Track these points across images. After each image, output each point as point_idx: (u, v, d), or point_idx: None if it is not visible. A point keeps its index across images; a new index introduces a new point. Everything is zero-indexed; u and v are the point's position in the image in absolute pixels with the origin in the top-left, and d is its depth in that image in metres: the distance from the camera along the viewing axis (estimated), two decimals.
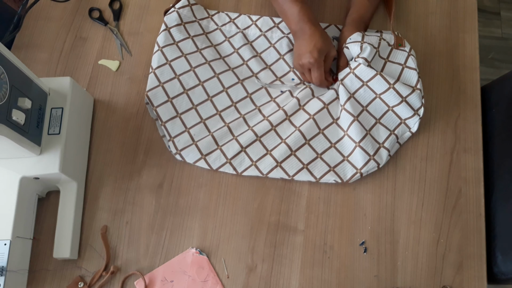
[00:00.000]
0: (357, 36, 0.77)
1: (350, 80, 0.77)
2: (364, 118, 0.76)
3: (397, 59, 0.78)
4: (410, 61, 0.78)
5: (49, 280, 0.70)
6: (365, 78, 0.76)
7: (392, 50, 0.78)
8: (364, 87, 0.76)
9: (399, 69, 0.77)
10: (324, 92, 0.79)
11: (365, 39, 0.76)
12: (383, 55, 0.78)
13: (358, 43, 0.76)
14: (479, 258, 0.70)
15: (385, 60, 0.78)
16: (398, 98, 0.75)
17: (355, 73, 0.76)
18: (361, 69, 0.76)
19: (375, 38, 0.77)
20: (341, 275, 0.70)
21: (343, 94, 0.76)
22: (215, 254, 0.71)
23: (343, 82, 0.77)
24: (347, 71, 0.77)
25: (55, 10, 0.89)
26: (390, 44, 0.78)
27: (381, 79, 0.75)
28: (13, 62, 0.61)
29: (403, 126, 0.76)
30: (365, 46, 0.75)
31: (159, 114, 0.77)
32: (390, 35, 0.80)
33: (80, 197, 0.73)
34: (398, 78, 0.76)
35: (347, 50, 0.78)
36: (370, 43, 0.76)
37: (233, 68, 0.82)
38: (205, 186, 0.75)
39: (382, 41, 0.77)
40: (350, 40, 0.77)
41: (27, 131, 0.64)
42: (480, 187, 0.74)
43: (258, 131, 0.75)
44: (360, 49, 0.75)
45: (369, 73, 0.75)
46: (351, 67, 0.77)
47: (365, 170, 0.73)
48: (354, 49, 0.76)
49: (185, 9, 0.85)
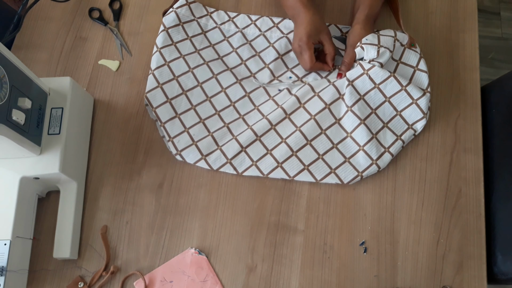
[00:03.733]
0: (372, 37, 0.75)
1: (363, 81, 0.76)
2: (372, 121, 0.75)
3: (409, 61, 0.77)
4: (422, 63, 0.77)
5: (49, 280, 0.70)
6: (378, 80, 0.75)
7: (405, 51, 0.78)
8: (375, 89, 0.76)
9: (411, 72, 0.77)
10: (324, 86, 0.78)
11: (381, 41, 0.75)
12: (395, 56, 0.77)
13: (375, 47, 0.74)
14: (479, 258, 0.70)
15: (397, 62, 0.77)
16: (409, 100, 0.74)
17: (369, 74, 0.75)
18: (375, 71, 0.75)
19: (390, 40, 0.76)
20: (341, 275, 0.70)
21: (352, 95, 0.75)
22: (215, 254, 0.71)
23: (354, 83, 0.76)
24: (359, 72, 0.76)
25: (55, 10, 0.89)
26: (403, 44, 0.77)
27: (394, 80, 0.74)
28: (13, 62, 0.61)
29: (410, 131, 0.76)
30: (382, 51, 0.74)
31: (158, 115, 0.77)
32: (403, 35, 0.78)
33: (80, 197, 0.73)
34: (410, 80, 0.76)
35: (361, 50, 0.76)
36: (387, 47, 0.74)
37: (231, 68, 0.82)
38: (205, 186, 0.75)
39: (396, 42, 0.76)
40: (367, 41, 0.75)
41: (27, 131, 0.64)
42: (480, 187, 0.74)
43: (257, 130, 0.75)
44: (377, 53, 0.74)
45: (383, 75, 0.75)
46: (365, 68, 0.76)
47: (366, 173, 0.73)
48: (370, 52, 0.74)
49: (183, 8, 0.85)
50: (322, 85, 0.78)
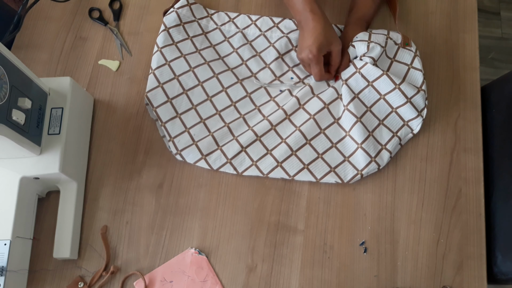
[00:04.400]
0: (363, 35, 0.76)
1: (356, 79, 0.76)
2: (368, 119, 0.75)
3: (403, 59, 0.77)
4: (416, 61, 0.77)
5: (49, 280, 0.70)
6: (371, 77, 0.75)
7: (399, 49, 0.78)
8: (369, 87, 0.76)
9: (405, 70, 0.77)
10: (324, 89, 0.79)
11: (372, 38, 0.76)
12: (389, 54, 0.77)
13: (365, 42, 0.75)
14: (479, 258, 0.70)
15: (391, 59, 0.77)
16: (403, 99, 0.74)
17: (361, 72, 0.76)
18: (367, 69, 0.75)
19: (382, 37, 0.76)
20: (341, 275, 0.70)
21: (347, 94, 0.76)
22: (215, 254, 0.71)
23: (347, 82, 0.76)
24: (352, 71, 0.77)
25: (55, 10, 0.89)
26: (396, 43, 0.78)
27: (387, 79, 0.74)
28: (13, 62, 0.61)
29: (406, 128, 0.76)
30: (372, 45, 0.74)
31: (159, 115, 0.77)
32: (397, 34, 0.79)
33: (80, 197, 0.73)
34: (404, 78, 0.76)
35: (352, 48, 0.77)
36: (378, 43, 0.75)
37: (232, 68, 0.82)
38: (205, 186, 0.75)
39: (389, 40, 0.77)
40: (357, 38, 0.76)
41: (27, 131, 0.64)
42: (480, 187, 0.74)
43: (258, 131, 0.75)
44: (367, 48, 0.74)
45: (376, 73, 0.75)
46: (357, 66, 0.76)
47: (366, 171, 0.73)
48: (360, 48, 0.75)
49: (184, 8, 0.85)
50: (322, 87, 0.79)
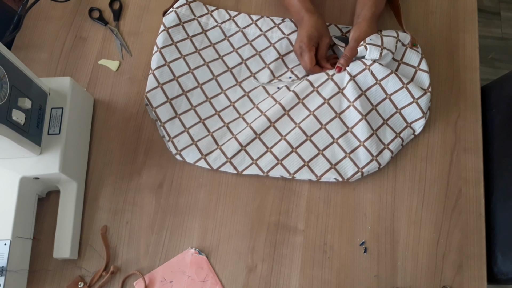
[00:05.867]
0: (376, 38, 0.75)
1: (364, 76, 0.76)
2: (372, 117, 0.75)
3: (411, 61, 0.78)
4: (423, 63, 0.77)
5: (49, 280, 0.70)
6: (379, 76, 0.75)
7: (406, 51, 0.78)
8: (376, 85, 0.76)
9: (413, 72, 0.77)
10: (323, 80, 0.77)
11: (385, 42, 0.75)
12: (397, 57, 0.78)
13: (378, 48, 0.74)
14: (479, 258, 0.70)
15: (399, 62, 0.78)
16: (410, 99, 0.75)
17: (371, 69, 0.75)
18: (377, 67, 0.75)
19: (393, 40, 0.76)
20: (341, 275, 0.70)
21: (354, 91, 0.75)
22: (215, 254, 0.71)
23: (356, 78, 0.76)
24: (361, 67, 0.76)
25: (55, 10, 0.89)
26: (404, 44, 0.78)
27: (396, 77, 0.75)
28: (13, 62, 0.61)
29: (408, 129, 0.76)
30: (385, 53, 0.74)
31: (158, 115, 0.77)
32: (405, 34, 0.79)
33: (80, 197, 0.73)
34: (411, 80, 0.76)
35: (363, 49, 0.75)
36: (389, 49, 0.75)
37: (231, 68, 0.82)
38: (205, 186, 0.75)
39: (398, 43, 0.77)
40: (371, 41, 0.75)
41: (27, 131, 0.64)
42: (480, 187, 0.74)
43: (257, 128, 0.75)
44: (379, 55, 0.74)
45: (385, 71, 0.75)
46: (367, 64, 0.76)
47: (367, 170, 0.73)
48: (373, 53, 0.74)
49: (183, 8, 0.85)
50: (321, 79, 0.78)
